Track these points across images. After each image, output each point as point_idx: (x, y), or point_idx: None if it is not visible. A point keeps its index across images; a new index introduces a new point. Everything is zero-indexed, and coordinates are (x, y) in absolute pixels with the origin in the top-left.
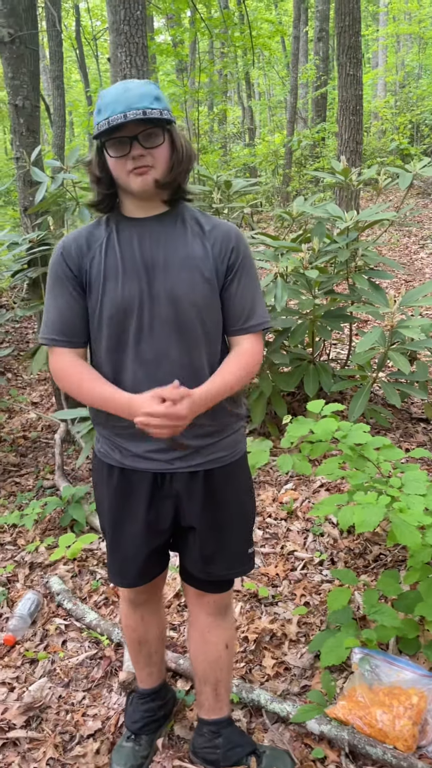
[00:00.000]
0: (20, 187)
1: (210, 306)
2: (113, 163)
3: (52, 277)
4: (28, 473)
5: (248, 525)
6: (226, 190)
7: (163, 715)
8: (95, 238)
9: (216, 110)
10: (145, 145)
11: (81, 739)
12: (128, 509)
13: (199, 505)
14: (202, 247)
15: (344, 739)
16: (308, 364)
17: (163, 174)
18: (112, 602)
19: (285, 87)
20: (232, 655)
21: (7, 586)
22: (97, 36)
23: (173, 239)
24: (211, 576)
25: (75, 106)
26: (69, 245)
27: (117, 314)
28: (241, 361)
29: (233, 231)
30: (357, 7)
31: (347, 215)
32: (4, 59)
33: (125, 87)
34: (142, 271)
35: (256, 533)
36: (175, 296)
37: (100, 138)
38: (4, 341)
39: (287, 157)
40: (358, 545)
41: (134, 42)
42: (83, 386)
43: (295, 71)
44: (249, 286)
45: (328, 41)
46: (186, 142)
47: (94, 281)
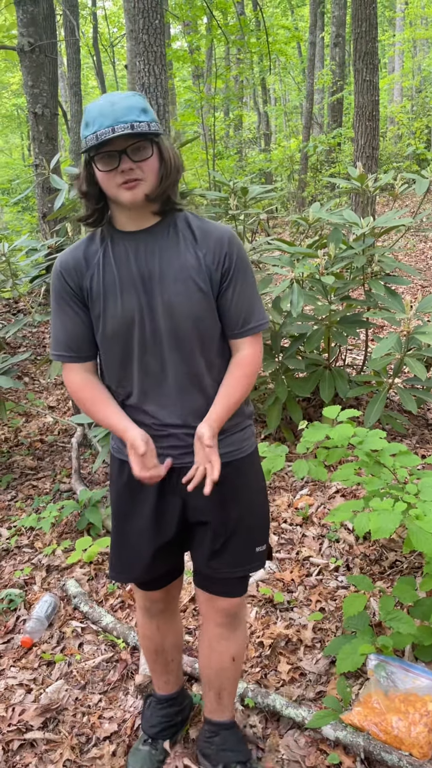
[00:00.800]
0: (39, 194)
1: (206, 315)
2: (102, 177)
3: (55, 295)
4: (45, 476)
5: (257, 523)
6: (243, 197)
7: (180, 720)
8: (91, 254)
9: (232, 116)
10: (134, 158)
11: (97, 741)
12: (136, 505)
13: (207, 501)
14: (195, 256)
15: (360, 745)
16: (324, 369)
17: (152, 187)
18: (128, 605)
19: (301, 92)
20: (239, 667)
21: (25, 589)
22: (114, 43)
23: (167, 251)
24: (217, 572)
25: None
26: (67, 263)
27: (119, 329)
28: (242, 372)
29: (226, 236)
30: (373, 13)
31: (363, 221)
32: (24, 68)
33: (111, 100)
34: (140, 285)
35: (272, 538)
36: (172, 308)
37: (89, 152)
38: (22, 346)
39: (303, 162)
40: (373, 551)
41: (152, 51)
42: (91, 408)
43: (311, 77)
44: (245, 289)
45: (344, 47)
46: (174, 153)
47: (95, 298)
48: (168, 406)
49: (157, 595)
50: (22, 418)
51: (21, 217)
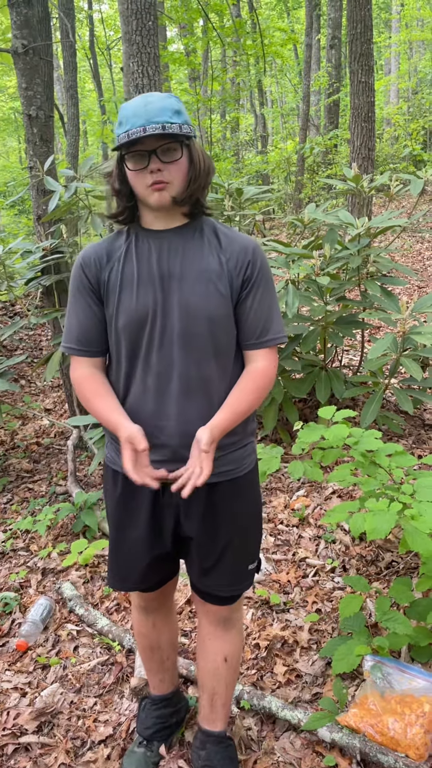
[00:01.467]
0: (34, 196)
1: (223, 320)
2: (132, 176)
3: (73, 288)
4: (41, 479)
5: (250, 542)
6: (238, 198)
7: (175, 722)
8: (114, 249)
9: (228, 118)
10: (163, 159)
11: (92, 744)
12: (131, 515)
13: (199, 517)
14: (218, 261)
15: (356, 747)
16: (320, 370)
17: (179, 190)
18: (123, 608)
19: (297, 94)
20: (232, 669)
21: (20, 592)
22: (110, 46)
23: (190, 252)
24: (209, 589)
25: (89, 116)
26: (89, 257)
27: (130, 324)
28: (254, 384)
29: (251, 245)
30: (369, 15)
31: (358, 222)
32: (18, 70)
33: (146, 100)
34: (158, 283)
35: (268, 540)
36: (188, 309)
37: (120, 150)
38: (18, 348)
39: (300, 164)
40: (370, 552)
41: (146, 52)
42: (91, 400)
43: (307, 79)
44: (265, 300)
45: (340, 49)
46: (205, 156)
47: (111, 291)
48: (168, 410)
49: (153, 595)
50: (18, 420)
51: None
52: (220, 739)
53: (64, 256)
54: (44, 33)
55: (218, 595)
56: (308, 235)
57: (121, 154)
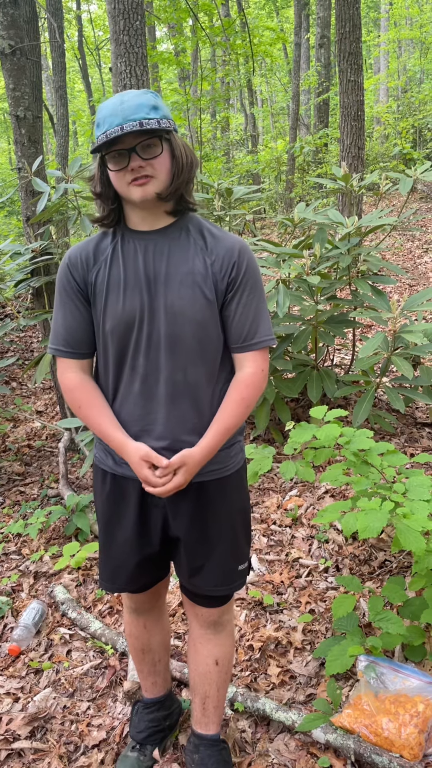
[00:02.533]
0: (23, 197)
1: (209, 323)
2: (114, 177)
3: (59, 288)
4: (33, 482)
5: (239, 541)
6: (228, 198)
7: (168, 725)
8: (101, 250)
9: (219, 118)
10: (144, 156)
11: (86, 749)
12: (119, 516)
13: (187, 517)
14: (203, 263)
15: (350, 747)
16: (311, 369)
17: (164, 185)
18: (116, 611)
19: (287, 94)
20: (224, 672)
21: (12, 596)
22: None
23: (176, 253)
24: (198, 589)
25: (78, 116)
26: (75, 257)
27: (117, 327)
28: (240, 396)
29: (237, 246)
30: (357, 14)
31: (348, 221)
32: (5, 70)
33: (121, 99)
34: (144, 285)
35: (261, 540)
36: (174, 312)
37: (100, 152)
38: (9, 350)
39: (290, 163)
40: (363, 552)
41: (134, 52)
42: (86, 412)
43: (296, 78)
44: (251, 303)
45: (329, 47)
46: (187, 149)
47: (98, 294)
48: (155, 414)
49: (144, 597)
50: (9, 423)
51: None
52: (214, 742)
53: (53, 258)
54: (32, 33)
55: (208, 595)
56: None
57: (101, 156)
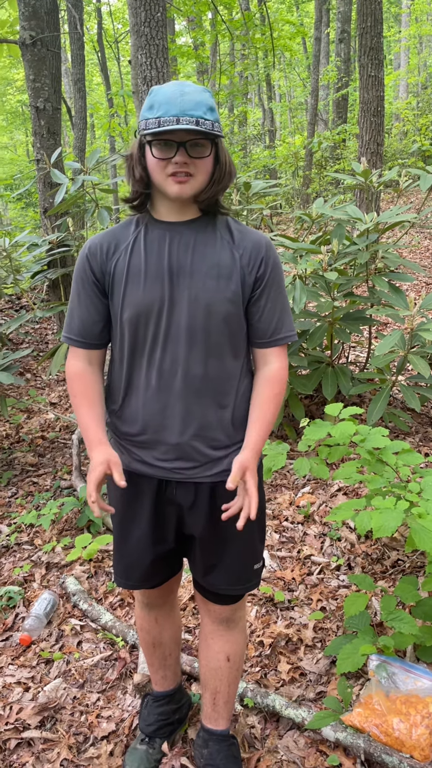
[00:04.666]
0: (41, 189)
1: (233, 317)
2: (154, 163)
3: (76, 277)
4: (46, 473)
5: (255, 541)
6: (246, 192)
7: (177, 719)
8: (122, 238)
9: (236, 112)
10: (191, 154)
11: (95, 740)
12: (133, 513)
13: (202, 516)
14: (231, 255)
15: (360, 746)
16: (326, 366)
17: (201, 187)
18: (127, 604)
19: (306, 89)
20: (235, 669)
21: (24, 586)
22: (118, 39)
23: (202, 245)
24: (213, 587)
25: (96, 109)
26: (95, 247)
27: (135, 317)
28: (272, 392)
29: (264, 241)
30: (379, 8)
31: (367, 217)
32: (25, 61)
33: (181, 90)
34: (166, 276)
35: (273, 537)
36: (197, 304)
37: (146, 135)
38: (24, 342)
39: (307, 158)
40: (375, 550)
41: (155, 44)
42: (74, 401)
43: (316, 73)
44: (277, 299)
45: (349, 43)
46: (230, 159)
47: (117, 282)
48: (173, 408)
49: (157, 592)
50: (23, 414)
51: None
52: (223, 737)
53: (70, 250)
54: (52, 25)
55: (223, 594)
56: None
57: (145, 139)
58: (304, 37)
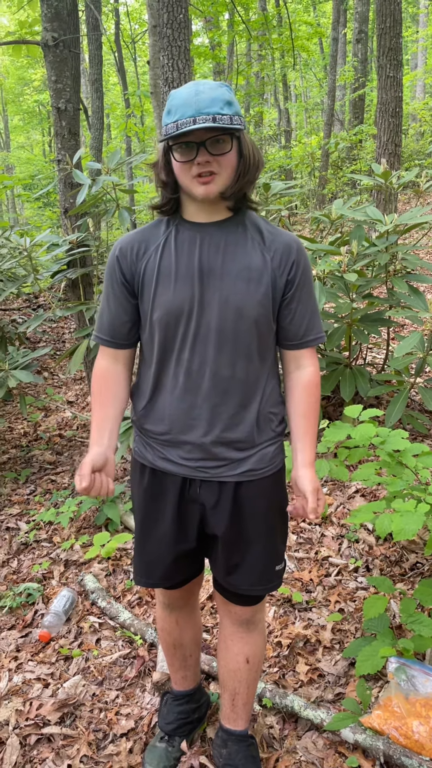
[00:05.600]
0: (61, 189)
1: (263, 319)
2: (178, 167)
3: (107, 277)
4: (64, 471)
5: (276, 541)
6: (265, 193)
7: (197, 717)
8: (152, 239)
9: (252, 112)
10: (212, 152)
11: (114, 737)
12: (156, 510)
13: (225, 515)
14: (262, 257)
15: (379, 749)
16: (344, 368)
17: (227, 183)
18: (145, 602)
19: (322, 89)
20: (254, 670)
21: (43, 583)
22: (135, 39)
23: (232, 247)
24: (234, 588)
25: (113, 109)
26: (125, 247)
27: (165, 318)
28: (313, 398)
29: (294, 243)
30: (398, 9)
31: (387, 218)
32: (47, 63)
33: (196, 90)
34: (196, 277)
35: (291, 538)
36: (227, 306)
37: (167, 140)
38: (41, 340)
39: (324, 159)
40: (394, 553)
41: (177, 45)
42: (94, 398)
43: (333, 73)
44: (308, 300)
45: (366, 43)
46: (255, 150)
47: (147, 283)
48: (200, 409)
49: (178, 593)
50: (41, 412)
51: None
52: (242, 737)
53: (89, 250)
54: (73, 26)
55: (244, 594)
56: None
57: (168, 144)
58: (320, 38)
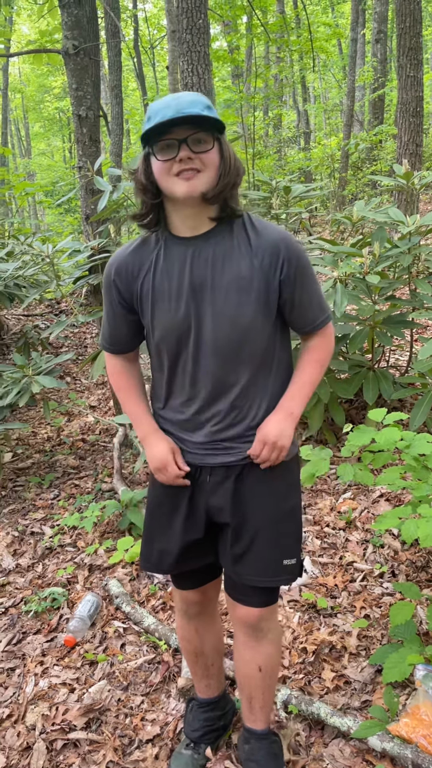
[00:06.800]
0: (83, 196)
1: (259, 327)
2: (159, 168)
3: (105, 295)
4: (87, 476)
5: (285, 533)
6: (285, 196)
7: (222, 725)
8: (145, 258)
9: (271, 115)
10: (194, 149)
11: (140, 743)
12: (168, 500)
13: (228, 498)
14: (250, 264)
15: (407, 757)
16: (367, 371)
17: (210, 183)
18: (169, 607)
19: (341, 90)
20: (268, 678)
21: (68, 588)
22: (153, 45)
23: (221, 259)
24: (241, 578)
25: (132, 114)
26: (120, 268)
27: (167, 336)
28: (315, 357)
29: (281, 241)
30: (418, 9)
31: (409, 219)
32: (68, 70)
33: (175, 96)
34: (190, 294)
35: (315, 543)
36: (222, 318)
37: (149, 142)
38: (64, 346)
39: (343, 160)
40: (420, 558)
41: (196, 50)
42: (120, 396)
43: (352, 74)
44: (310, 288)
45: (386, 43)
46: (235, 155)
47: (145, 302)
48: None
49: (194, 597)
50: (64, 417)
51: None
52: (263, 736)
53: (110, 255)
54: (92, 33)
55: (250, 586)
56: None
57: (148, 149)
58: (339, 39)
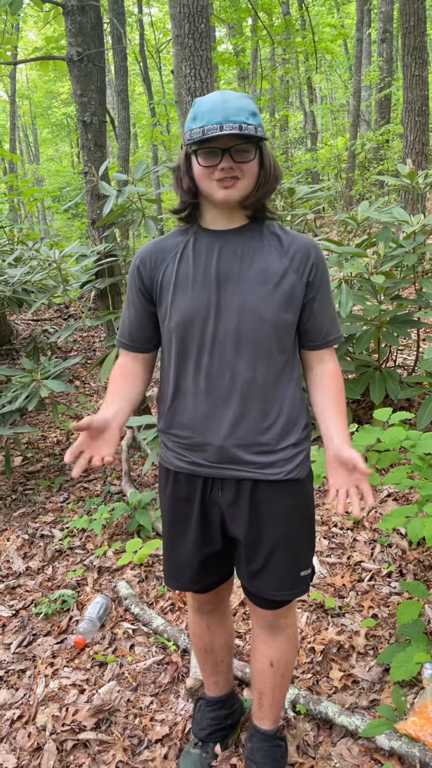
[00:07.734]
0: (89, 201)
1: (282, 322)
2: (200, 171)
3: (129, 284)
4: (96, 479)
5: (300, 546)
6: (290, 197)
7: (230, 724)
8: (171, 247)
9: (278, 116)
10: (236, 159)
11: (149, 743)
12: (183, 514)
13: (244, 518)
14: (280, 261)
15: (415, 756)
16: (374, 371)
17: (248, 190)
18: (178, 608)
19: (347, 90)
20: (279, 674)
21: (77, 590)
22: (160, 49)
23: (250, 252)
24: (259, 592)
25: (138, 119)
26: (145, 257)
27: (183, 323)
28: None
29: (312, 246)
30: (422, 7)
31: (414, 219)
32: (73, 77)
33: (223, 98)
34: (213, 283)
35: (322, 543)
36: (246, 310)
37: (191, 146)
38: (72, 350)
39: (350, 160)
40: (428, 557)
41: (198, 55)
42: (109, 386)
43: (358, 74)
44: (328, 301)
45: (391, 42)
46: (275, 162)
47: (165, 290)
48: (220, 412)
49: (207, 597)
50: (73, 420)
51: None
52: (267, 737)
53: (117, 259)
54: (97, 40)
55: (268, 598)
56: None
57: (191, 149)
58: (345, 39)
